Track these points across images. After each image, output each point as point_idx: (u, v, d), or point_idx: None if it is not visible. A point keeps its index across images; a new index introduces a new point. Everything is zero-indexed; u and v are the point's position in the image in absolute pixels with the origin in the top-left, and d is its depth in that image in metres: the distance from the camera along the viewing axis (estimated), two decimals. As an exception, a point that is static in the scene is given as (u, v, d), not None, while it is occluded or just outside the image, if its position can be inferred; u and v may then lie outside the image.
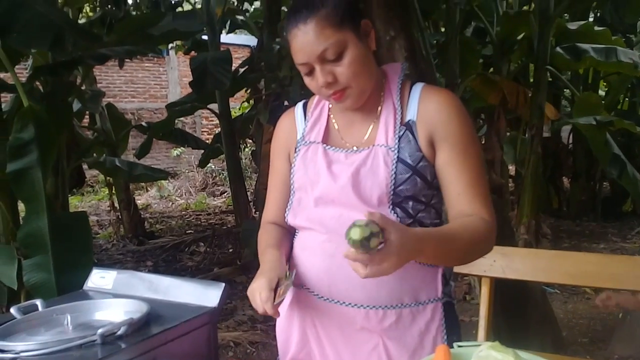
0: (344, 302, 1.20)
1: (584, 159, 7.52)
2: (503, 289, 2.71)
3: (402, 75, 1.26)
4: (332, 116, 1.30)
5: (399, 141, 1.19)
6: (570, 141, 7.96)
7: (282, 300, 1.15)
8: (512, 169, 7.30)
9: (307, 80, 1.19)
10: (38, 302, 1.31)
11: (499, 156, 5.69)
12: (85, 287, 1.48)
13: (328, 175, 1.21)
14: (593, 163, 7.40)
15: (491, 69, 6.25)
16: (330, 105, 1.31)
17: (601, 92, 8.40)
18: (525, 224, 4.80)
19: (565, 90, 7.59)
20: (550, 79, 5.76)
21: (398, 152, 1.18)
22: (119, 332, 1.12)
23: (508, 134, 6.55)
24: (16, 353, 1.07)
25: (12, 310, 1.27)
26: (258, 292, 1.14)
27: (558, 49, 5.41)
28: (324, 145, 1.25)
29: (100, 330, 1.10)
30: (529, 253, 2.67)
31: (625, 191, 6.34)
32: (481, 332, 2.23)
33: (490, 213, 1.18)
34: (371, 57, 1.20)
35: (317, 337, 1.27)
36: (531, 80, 6.49)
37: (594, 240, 6.39)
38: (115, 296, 1.37)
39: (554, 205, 7.68)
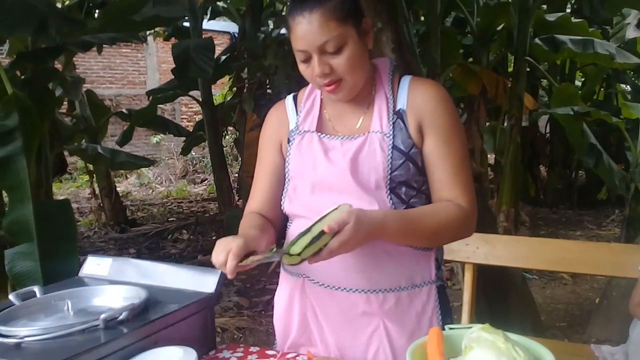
0: (345, 288, 1.24)
1: (560, 148, 7.66)
2: (485, 274, 2.78)
3: (392, 69, 1.32)
4: (324, 106, 1.33)
5: (392, 128, 1.23)
6: (548, 130, 8.10)
7: (246, 265, 1.10)
8: (491, 157, 7.41)
9: (302, 67, 1.22)
10: (36, 289, 1.32)
11: (479, 145, 5.78)
12: (80, 274, 1.49)
13: (326, 162, 1.24)
14: (569, 152, 7.55)
15: (471, 59, 6.32)
16: (322, 97, 1.34)
17: (578, 83, 8.54)
18: (505, 212, 4.90)
19: (542, 80, 7.71)
20: (528, 69, 5.85)
21: (393, 138, 1.23)
22: (121, 317, 1.15)
23: (488, 123, 6.65)
24: (20, 338, 1.09)
25: (11, 296, 1.28)
26: (229, 246, 1.09)
27: (537, 40, 5.49)
28: (319, 133, 1.29)
29: (103, 315, 1.12)
30: (510, 240, 2.74)
31: (600, 180, 6.49)
32: (465, 316, 2.30)
33: (469, 201, 1.24)
34: (367, 54, 1.24)
35: (317, 322, 1.31)
36: (510, 70, 6.59)
37: (570, 227, 6.54)
38: (111, 283, 1.39)
39: (532, 194, 7.82)
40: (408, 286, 1.26)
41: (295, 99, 1.39)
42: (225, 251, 1.09)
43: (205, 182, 9.85)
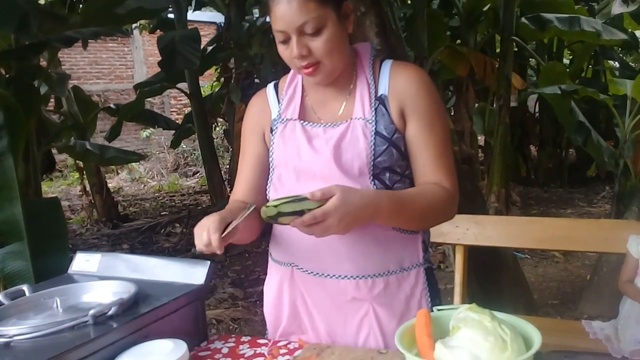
0: (334, 275, 1.25)
1: (550, 127, 7.69)
2: (476, 256, 2.80)
3: (373, 54, 1.31)
4: (305, 94, 1.33)
5: (375, 114, 1.23)
6: (537, 110, 8.12)
7: (230, 234, 1.11)
8: (481, 139, 7.42)
9: (281, 48, 1.21)
10: (25, 288, 1.31)
11: (468, 127, 5.80)
12: (70, 271, 1.48)
13: (309, 150, 1.24)
14: (559, 131, 7.58)
15: (458, 41, 6.31)
16: (304, 84, 1.33)
17: (566, 61, 8.55)
18: (496, 193, 4.92)
19: (530, 59, 7.71)
20: (516, 49, 5.84)
21: (375, 124, 1.22)
22: (110, 313, 1.14)
23: (476, 105, 6.66)
24: (9, 337, 1.08)
25: (0, 296, 1.28)
26: (206, 226, 1.11)
27: (523, 19, 5.48)
28: (301, 121, 1.28)
29: (91, 311, 1.12)
30: (501, 220, 2.76)
31: (590, 157, 6.51)
32: (457, 298, 2.32)
33: (453, 183, 1.25)
34: (346, 38, 1.24)
35: (307, 310, 1.31)
36: (497, 51, 6.59)
37: (561, 206, 6.58)
38: (100, 278, 1.38)
39: (522, 173, 7.85)
40: (396, 270, 1.26)
41: (276, 87, 1.38)
42: (204, 231, 1.10)
43: (197, 174, 9.82)
